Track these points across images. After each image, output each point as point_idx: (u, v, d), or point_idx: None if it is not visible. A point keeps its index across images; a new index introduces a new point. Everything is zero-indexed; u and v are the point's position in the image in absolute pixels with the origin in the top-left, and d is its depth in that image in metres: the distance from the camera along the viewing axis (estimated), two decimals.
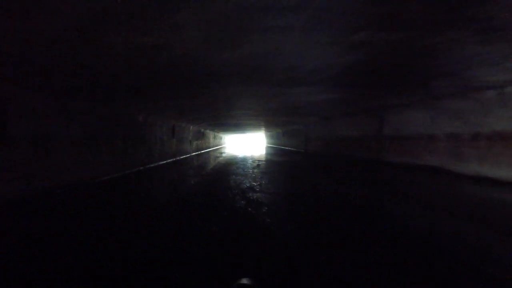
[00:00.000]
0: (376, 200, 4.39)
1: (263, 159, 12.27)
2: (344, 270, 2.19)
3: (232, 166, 9.58)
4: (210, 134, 22.62)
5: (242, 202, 4.32)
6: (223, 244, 2.70)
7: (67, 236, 2.97)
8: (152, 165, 9.09)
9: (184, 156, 13.19)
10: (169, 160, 10.78)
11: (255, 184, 5.80)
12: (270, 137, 32.23)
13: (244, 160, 11.73)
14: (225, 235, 2.96)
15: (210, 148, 22.09)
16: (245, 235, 2.95)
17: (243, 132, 30.29)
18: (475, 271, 2.15)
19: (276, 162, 10.27)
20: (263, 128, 23.48)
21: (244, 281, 1.42)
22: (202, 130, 18.61)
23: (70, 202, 4.40)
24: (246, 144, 39.31)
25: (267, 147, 26.46)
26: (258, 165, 9.77)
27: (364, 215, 3.61)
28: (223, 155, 15.51)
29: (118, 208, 4.10)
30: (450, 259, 2.35)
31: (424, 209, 3.86)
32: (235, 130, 24.70)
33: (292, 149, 19.87)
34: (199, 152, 17.10)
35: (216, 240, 2.80)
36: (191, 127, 14.69)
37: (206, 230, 3.07)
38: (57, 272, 2.21)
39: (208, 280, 2.08)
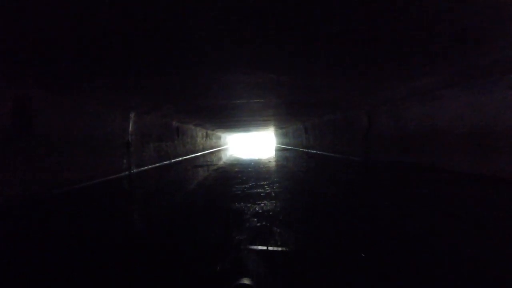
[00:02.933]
0: None
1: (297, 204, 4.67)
2: None
3: None
4: (197, 132, 15.12)
5: None
6: None
7: None
8: None
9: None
10: None
11: None
12: (283, 135, 24.51)
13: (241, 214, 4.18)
14: None
15: (195, 153, 14.53)
16: None
17: (247, 131, 22.76)
18: None
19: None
20: (273, 123, 15.88)
21: (244, 281, 1.40)
22: (176, 124, 11.08)
23: None
24: (253, 145, 31.75)
25: (280, 150, 18.71)
26: None
27: None
28: (200, 173, 7.97)
29: None
30: None
31: None
32: (237, 127, 17.15)
33: (328, 154, 12.03)
34: (146, 168, 9.49)
35: None
36: (131, 115, 7.15)
37: None
38: None
39: None
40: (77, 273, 2.01)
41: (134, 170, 7.14)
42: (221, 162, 10.18)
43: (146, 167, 7.96)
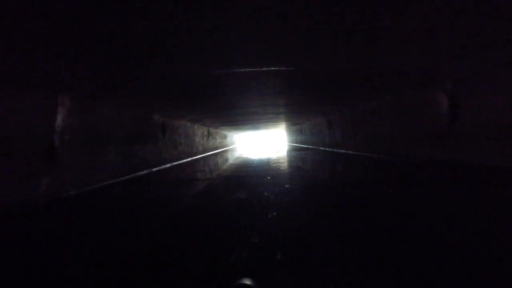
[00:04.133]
0: None
1: None
2: None
3: None
4: (194, 130, 12.18)
5: None
6: None
7: None
8: None
9: None
10: None
11: None
12: (297, 132, 21.42)
13: None
14: None
15: (191, 156, 11.62)
16: None
17: (256, 128, 19.85)
18: None
19: None
20: (285, 118, 12.97)
21: (244, 281, 1.33)
22: (161, 119, 8.15)
23: None
24: (263, 145, 28.96)
25: (298, 149, 15.68)
26: None
27: None
28: None
29: None
30: None
31: None
32: (244, 123, 14.20)
33: (368, 155, 8.88)
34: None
35: None
36: (61, 99, 4.25)
37: None
38: None
39: None
40: None
41: (71, 192, 4.26)
42: (221, 172, 7.23)
43: (99, 184, 5.07)
